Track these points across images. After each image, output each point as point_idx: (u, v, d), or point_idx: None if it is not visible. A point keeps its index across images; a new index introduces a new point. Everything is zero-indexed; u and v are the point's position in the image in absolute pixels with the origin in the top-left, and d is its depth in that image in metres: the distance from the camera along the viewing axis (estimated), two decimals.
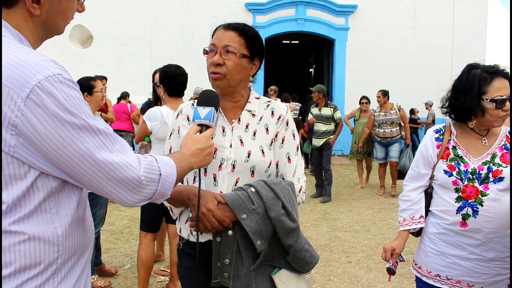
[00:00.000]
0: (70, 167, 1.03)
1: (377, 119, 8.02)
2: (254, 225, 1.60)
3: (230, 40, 1.69)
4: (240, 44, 1.70)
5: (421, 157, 2.22)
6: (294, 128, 1.84)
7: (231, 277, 1.62)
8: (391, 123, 7.97)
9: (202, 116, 1.53)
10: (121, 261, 4.64)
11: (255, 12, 13.67)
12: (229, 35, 1.70)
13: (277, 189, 1.64)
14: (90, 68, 11.34)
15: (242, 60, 1.70)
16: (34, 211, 1.03)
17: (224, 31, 1.71)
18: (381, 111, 8.05)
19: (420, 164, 2.22)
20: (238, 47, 1.69)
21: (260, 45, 1.79)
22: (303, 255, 1.68)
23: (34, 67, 0.98)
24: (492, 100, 2.00)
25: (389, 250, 2.22)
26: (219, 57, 1.68)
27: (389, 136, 7.99)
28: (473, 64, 2.12)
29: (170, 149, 1.83)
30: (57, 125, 0.99)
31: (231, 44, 1.68)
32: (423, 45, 13.63)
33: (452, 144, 2.14)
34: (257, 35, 1.78)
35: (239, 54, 1.69)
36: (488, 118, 2.03)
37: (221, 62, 1.68)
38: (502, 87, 2.01)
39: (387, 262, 2.26)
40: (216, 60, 1.68)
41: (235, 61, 1.68)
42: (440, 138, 2.18)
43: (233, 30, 1.71)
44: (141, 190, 1.12)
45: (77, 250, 1.12)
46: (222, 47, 1.68)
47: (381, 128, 8.02)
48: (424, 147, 2.22)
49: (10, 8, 1.06)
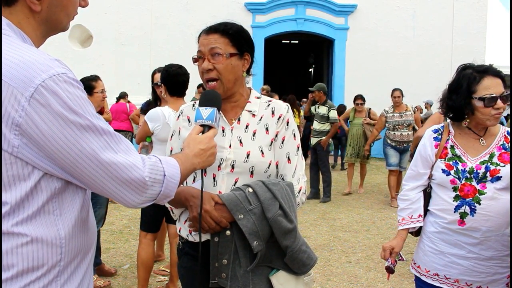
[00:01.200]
0: (74, 168, 1.02)
1: (391, 121, 7.31)
2: (250, 225, 1.59)
3: (214, 42, 1.68)
4: (225, 44, 1.69)
5: (420, 157, 2.24)
6: (295, 128, 1.83)
7: (229, 278, 1.62)
8: (408, 125, 7.31)
9: (204, 116, 1.53)
10: (120, 261, 4.64)
11: (255, 12, 13.67)
12: (212, 38, 1.69)
13: (275, 190, 1.64)
14: (90, 68, 11.31)
15: (231, 59, 1.69)
16: (37, 213, 1.02)
17: (207, 36, 1.70)
18: (395, 111, 7.35)
19: (419, 163, 2.24)
20: (224, 47, 1.68)
21: (246, 39, 1.76)
22: (301, 256, 1.67)
23: (39, 66, 0.97)
24: (480, 98, 2.03)
25: (388, 249, 2.24)
26: (208, 63, 1.68)
27: (406, 140, 7.26)
28: (466, 65, 2.16)
29: (171, 150, 1.83)
30: (61, 125, 0.98)
31: (216, 46, 1.67)
32: (422, 44, 13.63)
33: (450, 143, 2.16)
34: (241, 30, 1.76)
35: (225, 54, 1.68)
36: (479, 116, 2.06)
37: (211, 67, 1.68)
38: (491, 86, 2.03)
39: (386, 261, 2.27)
40: (206, 66, 1.68)
41: (224, 62, 1.68)
42: (438, 138, 2.20)
43: (215, 33, 1.70)
44: (145, 191, 1.11)
45: (79, 252, 1.11)
46: (208, 51, 1.68)
47: (396, 130, 7.31)
48: (422, 146, 2.23)
49: (11, 6, 1.05)
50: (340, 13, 13.74)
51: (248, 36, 1.78)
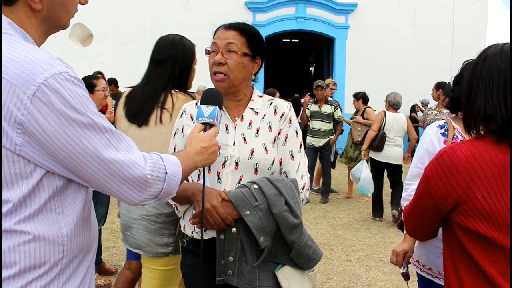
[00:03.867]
0: (76, 166, 1.03)
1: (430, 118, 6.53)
2: (257, 221, 1.60)
3: (232, 39, 1.71)
4: (242, 43, 1.72)
5: (427, 154, 2.13)
6: (297, 126, 1.84)
7: (235, 275, 1.63)
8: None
9: (206, 114, 1.54)
10: (121, 259, 4.65)
11: (255, 11, 13.66)
12: (230, 34, 1.72)
13: (280, 186, 1.65)
14: (90, 66, 11.29)
15: (244, 58, 1.72)
16: (39, 211, 1.02)
17: (225, 31, 1.73)
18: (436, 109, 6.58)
19: (426, 161, 2.13)
20: (240, 45, 1.71)
21: (261, 44, 1.80)
22: (306, 251, 1.69)
23: (40, 65, 0.97)
24: None
25: (401, 253, 2.13)
26: (221, 56, 1.69)
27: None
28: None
29: (175, 148, 1.84)
30: (63, 123, 0.98)
31: (233, 43, 1.70)
32: (423, 43, 13.62)
33: (460, 138, 2.10)
34: (258, 34, 1.80)
35: (240, 52, 1.70)
36: None
37: (223, 61, 1.69)
38: None
39: (400, 267, 2.15)
40: (218, 59, 1.69)
41: (237, 59, 1.70)
42: (445, 134, 2.14)
43: (234, 30, 1.73)
44: (147, 189, 1.11)
45: (81, 250, 1.12)
46: (224, 46, 1.70)
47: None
48: (430, 143, 2.14)
49: (12, 6, 1.05)
50: (341, 11, 13.74)
51: (263, 42, 1.82)
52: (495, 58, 1.33)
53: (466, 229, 1.31)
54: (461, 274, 1.35)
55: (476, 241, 1.30)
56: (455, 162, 1.29)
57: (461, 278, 1.35)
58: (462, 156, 1.29)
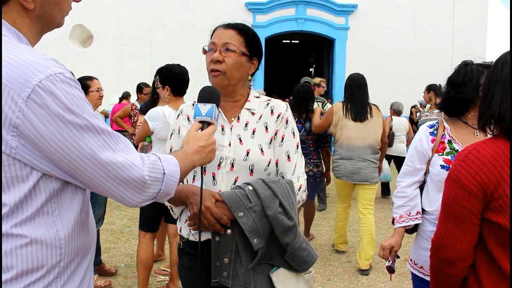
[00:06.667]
0: (73, 168, 1.01)
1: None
2: (250, 223, 1.59)
3: (230, 38, 1.71)
4: (240, 42, 1.72)
5: (416, 152, 2.23)
6: (294, 126, 1.83)
7: (230, 277, 1.62)
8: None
9: (203, 113, 1.52)
10: (121, 260, 4.64)
11: (255, 12, 13.67)
12: (228, 33, 1.72)
13: (274, 187, 1.64)
14: (90, 67, 11.33)
15: (241, 58, 1.72)
16: (37, 214, 1.01)
17: (224, 30, 1.74)
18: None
19: (415, 158, 2.23)
20: (238, 45, 1.71)
21: (259, 45, 1.81)
22: (301, 253, 1.67)
23: (35, 66, 0.95)
24: None
25: (387, 247, 2.22)
26: (219, 54, 1.69)
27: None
28: (467, 61, 2.22)
29: (171, 149, 1.84)
30: (59, 125, 0.97)
31: (231, 42, 1.70)
32: (423, 44, 13.62)
33: (447, 138, 2.17)
34: (256, 35, 1.81)
35: (238, 51, 1.70)
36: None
37: (220, 59, 1.69)
38: None
39: (385, 260, 2.25)
40: (216, 57, 1.69)
41: (235, 58, 1.70)
42: (434, 133, 2.21)
43: (233, 29, 1.74)
44: (145, 190, 1.10)
45: (79, 252, 1.10)
46: (222, 44, 1.70)
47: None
48: (418, 141, 2.23)
49: (4, 5, 1.03)
50: (341, 12, 13.74)
51: (260, 44, 1.83)
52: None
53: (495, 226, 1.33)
54: (481, 275, 1.37)
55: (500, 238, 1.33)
56: (483, 161, 1.33)
57: (480, 279, 1.37)
58: (488, 155, 1.34)
